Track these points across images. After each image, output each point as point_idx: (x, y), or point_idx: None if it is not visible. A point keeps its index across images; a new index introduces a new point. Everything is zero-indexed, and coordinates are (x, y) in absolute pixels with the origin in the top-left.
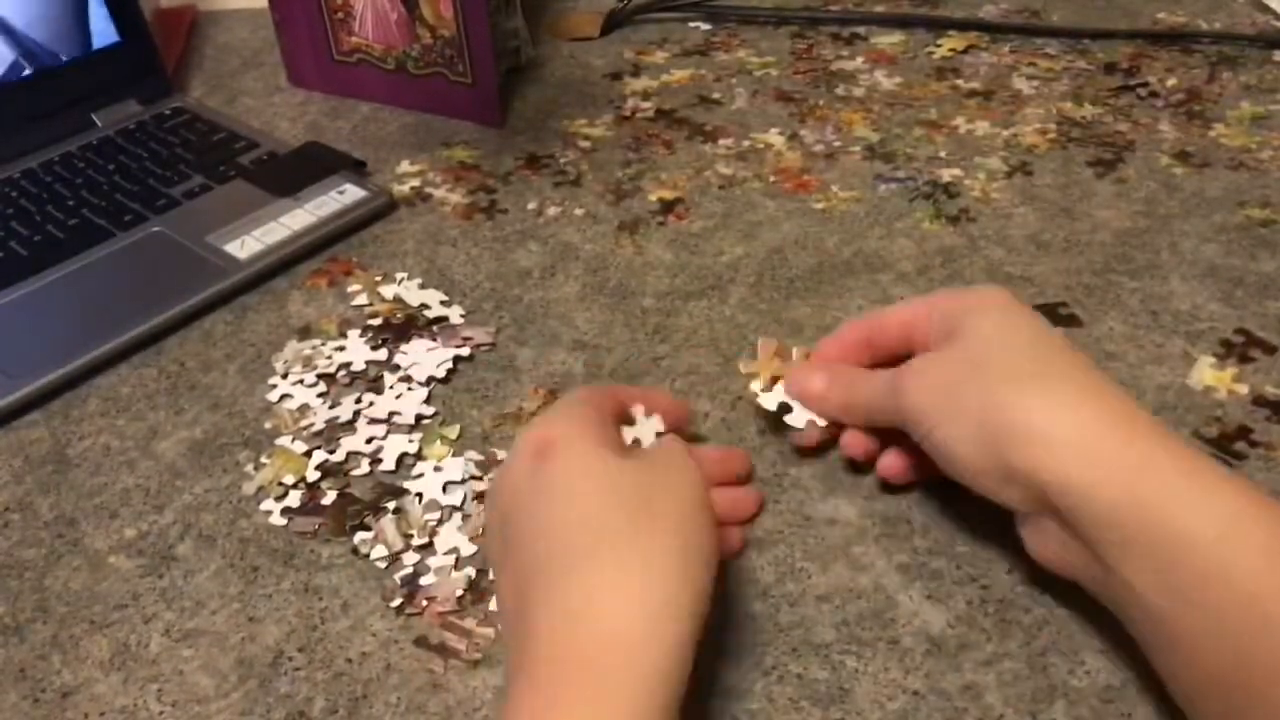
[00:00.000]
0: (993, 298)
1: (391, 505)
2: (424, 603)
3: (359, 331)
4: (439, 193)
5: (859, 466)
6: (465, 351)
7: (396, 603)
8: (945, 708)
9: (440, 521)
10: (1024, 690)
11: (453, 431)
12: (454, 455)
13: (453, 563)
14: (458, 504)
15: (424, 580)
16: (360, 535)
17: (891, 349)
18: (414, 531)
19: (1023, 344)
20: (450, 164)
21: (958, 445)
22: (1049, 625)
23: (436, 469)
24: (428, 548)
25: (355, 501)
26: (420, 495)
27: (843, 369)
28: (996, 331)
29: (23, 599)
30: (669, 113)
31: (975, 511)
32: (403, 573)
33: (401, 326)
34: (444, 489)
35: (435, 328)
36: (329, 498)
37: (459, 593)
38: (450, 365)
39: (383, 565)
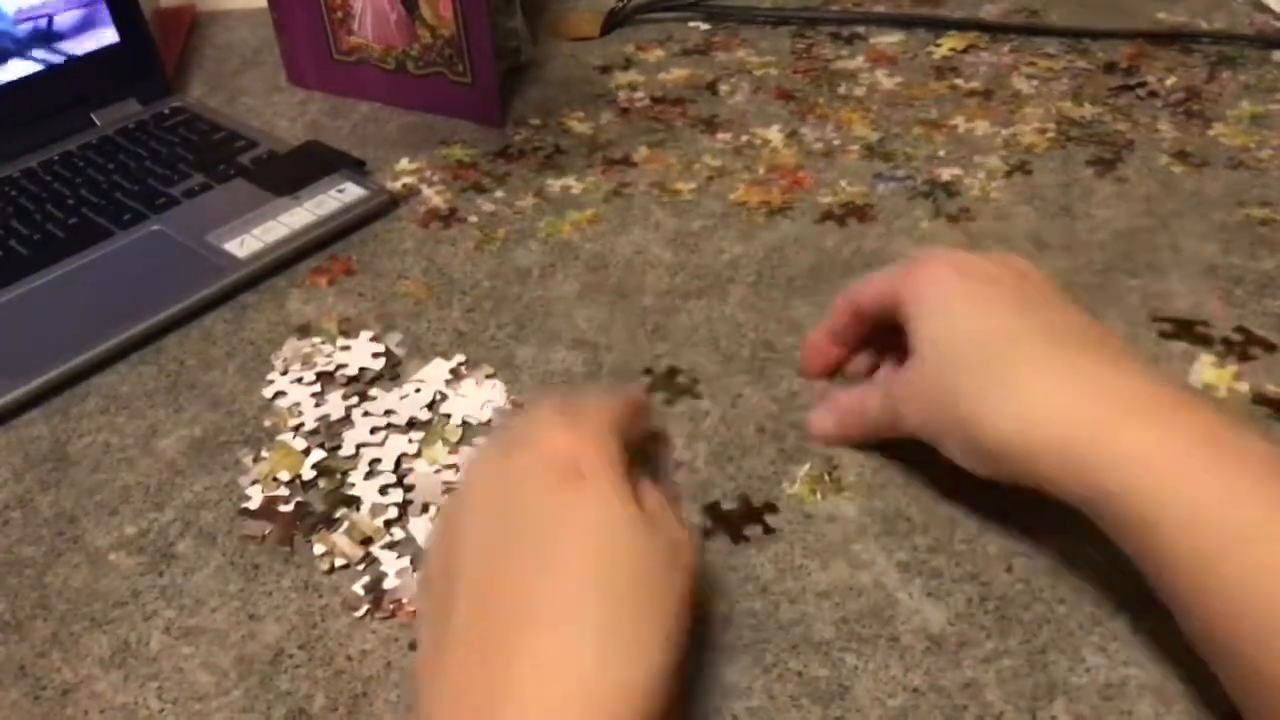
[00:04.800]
0: (924, 285)
1: (340, 515)
2: (391, 606)
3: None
4: (438, 192)
5: (857, 467)
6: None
7: (362, 611)
8: (945, 705)
9: (395, 521)
10: (1024, 687)
11: (454, 434)
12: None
13: (409, 562)
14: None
15: (386, 585)
16: (318, 548)
17: (877, 321)
18: (371, 535)
19: (967, 342)
20: (449, 163)
21: (963, 459)
22: (1049, 623)
23: (437, 471)
24: (390, 547)
25: (309, 514)
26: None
27: (844, 402)
28: (940, 337)
29: (23, 596)
30: (668, 106)
31: (975, 509)
32: (362, 581)
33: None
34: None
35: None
36: (289, 505)
37: None
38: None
39: (339, 577)
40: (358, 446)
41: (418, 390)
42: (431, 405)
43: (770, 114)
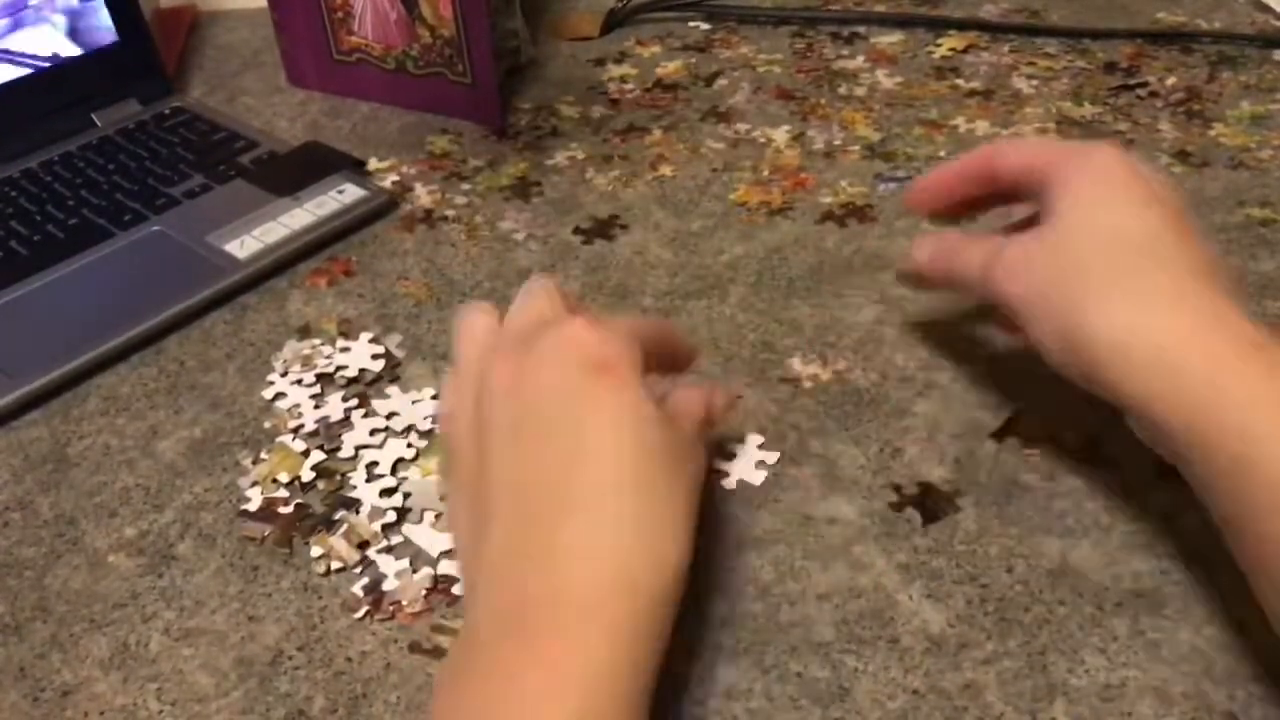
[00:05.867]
0: (1091, 171)
1: (340, 516)
2: (390, 608)
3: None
4: (438, 193)
5: (856, 465)
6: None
7: (361, 612)
8: (945, 706)
9: (393, 526)
10: (1024, 689)
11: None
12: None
13: (408, 564)
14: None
15: (386, 586)
16: (315, 550)
17: (1006, 187)
18: (368, 539)
19: (1111, 239)
20: (449, 163)
21: (1045, 346)
22: (1049, 624)
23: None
24: (388, 551)
25: (309, 515)
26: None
27: (950, 240)
28: (1085, 223)
29: (22, 598)
30: (667, 103)
31: (975, 509)
32: (361, 583)
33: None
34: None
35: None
36: (289, 507)
37: (424, 593)
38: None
39: (339, 578)
40: (357, 448)
41: (431, 399)
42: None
43: (771, 114)
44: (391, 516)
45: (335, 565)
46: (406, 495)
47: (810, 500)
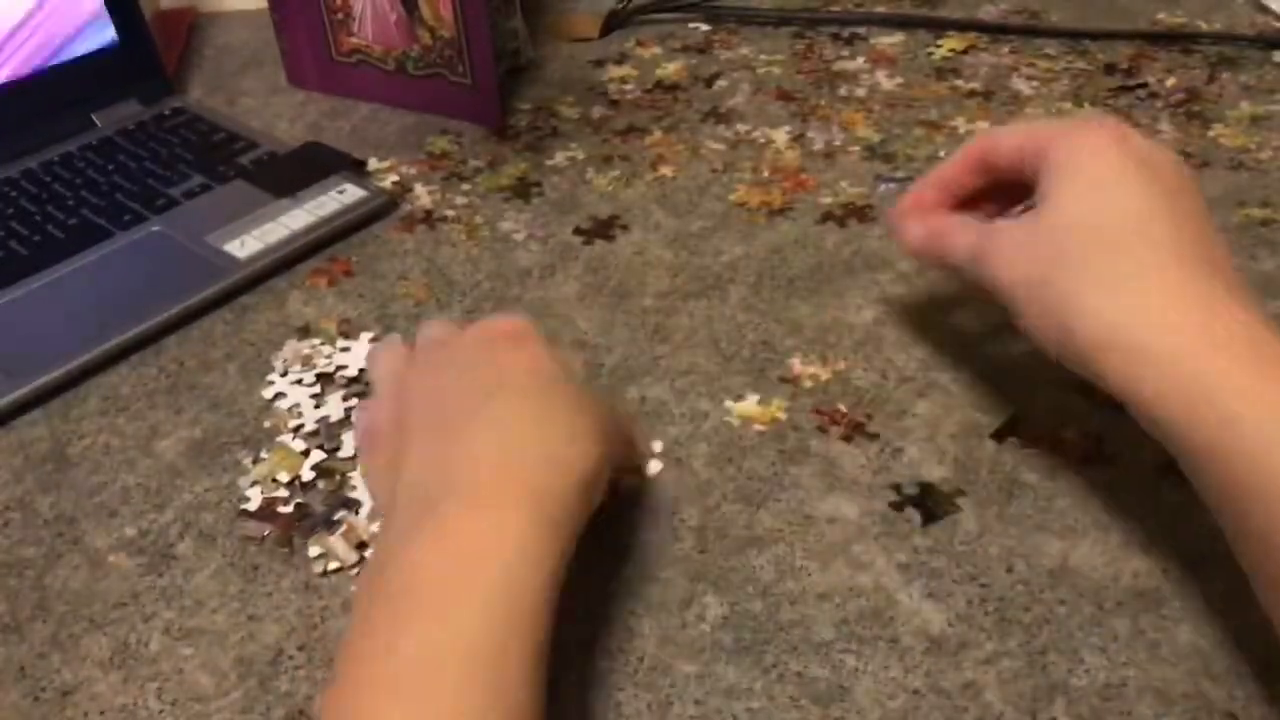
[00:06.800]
0: (1082, 153)
1: (340, 516)
2: None
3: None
4: (437, 193)
5: (857, 465)
6: None
7: None
8: (945, 706)
9: None
10: (1024, 689)
11: None
12: None
13: None
14: None
15: None
16: (313, 550)
17: (1006, 174)
18: (368, 539)
19: (1099, 226)
20: (448, 163)
21: (1038, 336)
22: (1049, 624)
23: None
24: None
25: (309, 515)
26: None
27: (940, 220)
28: (1074, 210)
29: (22, 597)
30: (667, 104)
31: (975, 509)
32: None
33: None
34: None
35: None
36: (289, 507)
37: None
38: None
39: (338, 578)
40: (357, 448)
41: None
42: None
43: (771, 115)
44: None
45: (335, 565)
46: None
47: (810, 499)
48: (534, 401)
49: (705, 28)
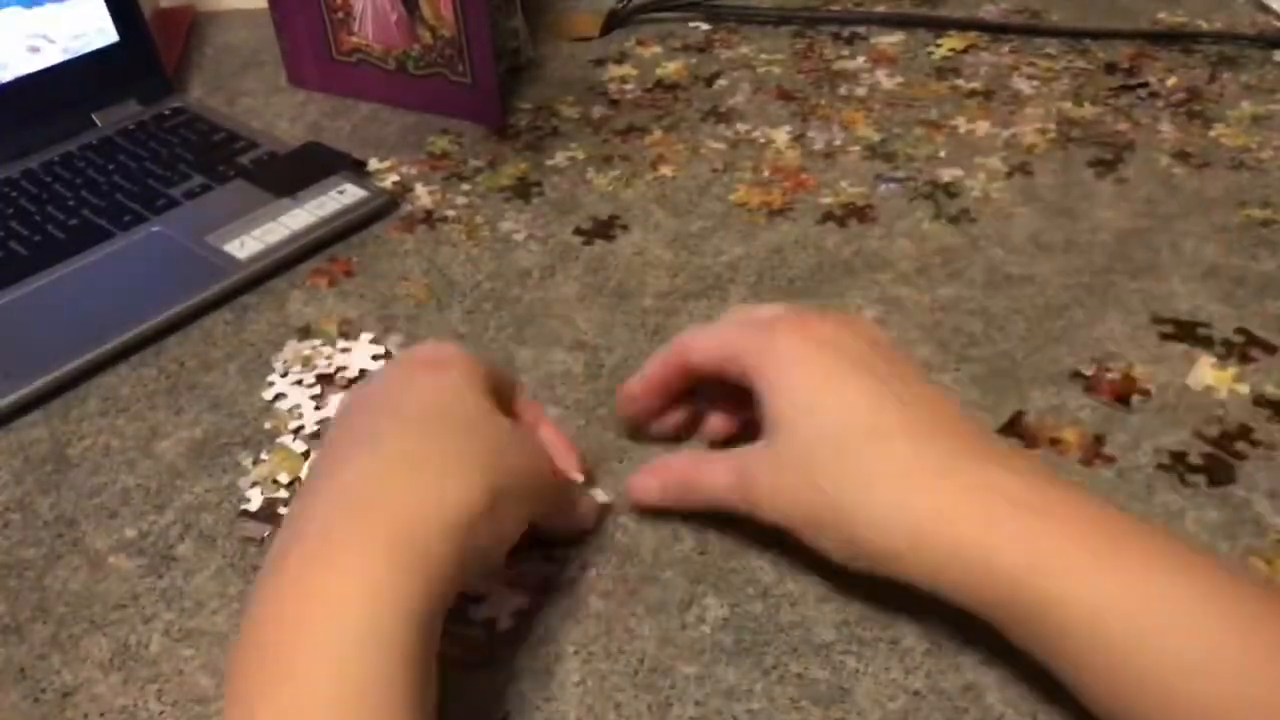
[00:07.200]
0: (780, 362)
1: None
2: None
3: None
4: (437, 193)
5: None
6: None
7: None
8: (946, 708)
9: None
10: (1025, 690)
11: None
12: None
13: None
14: None
15: None
16: None
17: (706, 378)
18: None
19: (839, 430)
20: (448, 163)
21: (836, 554)
22: None
23: None
24: None
25: None
26: None
27: (678, 468)
28: (809, 422)
29: (23, 599)
30: (668, 104)
31: None
32: None
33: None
34: None
35: None
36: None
37: None
38: None
39: None
40: None
41: None
42: None
43: (771, 114)
44: None
45: None
46: None
47: None
48: (415, 437)
49: (705, 27)
